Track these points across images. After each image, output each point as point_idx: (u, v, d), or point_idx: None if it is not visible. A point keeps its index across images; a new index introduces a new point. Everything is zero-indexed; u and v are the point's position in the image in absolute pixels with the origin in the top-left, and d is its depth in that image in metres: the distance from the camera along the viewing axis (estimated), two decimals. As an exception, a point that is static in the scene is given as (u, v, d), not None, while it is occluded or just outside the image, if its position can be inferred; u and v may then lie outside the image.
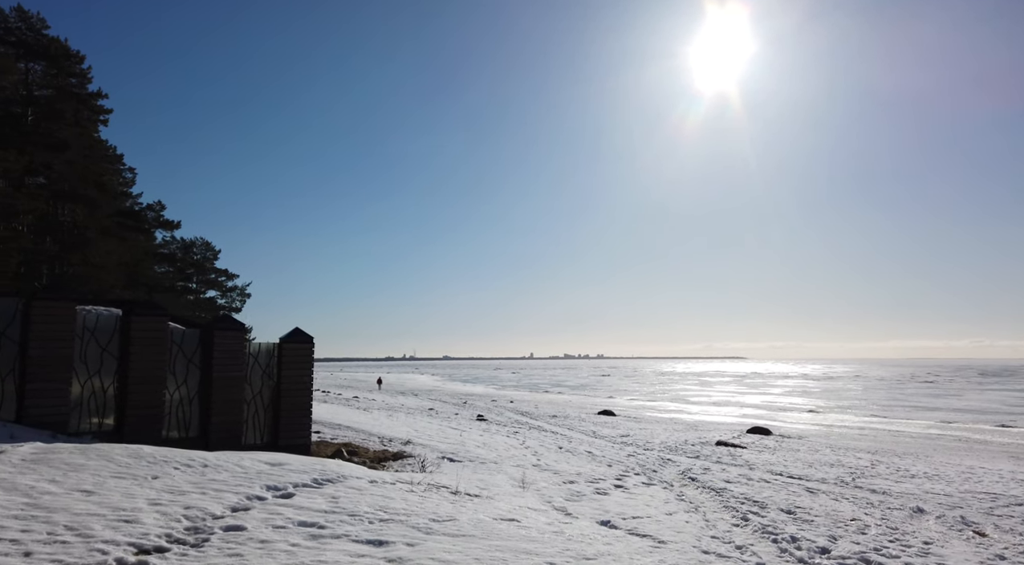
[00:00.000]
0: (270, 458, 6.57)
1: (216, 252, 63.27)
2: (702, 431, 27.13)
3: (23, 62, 23.64)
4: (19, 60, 23.45)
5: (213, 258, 63.16)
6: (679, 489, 11.03)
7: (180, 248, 59.04)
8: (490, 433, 17.82)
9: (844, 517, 9.24)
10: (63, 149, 21.99)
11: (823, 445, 23.00)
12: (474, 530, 5.24)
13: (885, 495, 12.69)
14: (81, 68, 24.70)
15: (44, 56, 23.59)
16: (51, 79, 24.12)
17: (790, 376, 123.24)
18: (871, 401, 55.05)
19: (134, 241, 30.65)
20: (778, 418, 39.19)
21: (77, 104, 24.52)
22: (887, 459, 19.10)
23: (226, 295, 64.76)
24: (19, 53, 23.20)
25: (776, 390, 74.29)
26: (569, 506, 7.79)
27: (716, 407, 49.01)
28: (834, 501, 11.26)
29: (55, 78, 24.15)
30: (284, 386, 9.10)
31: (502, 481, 8.95)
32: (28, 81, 23.69)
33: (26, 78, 23.75)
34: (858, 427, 33.42)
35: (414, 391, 59.47)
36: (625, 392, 71.64)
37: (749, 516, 8.71)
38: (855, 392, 68.90)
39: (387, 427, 13.87)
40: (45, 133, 22.11)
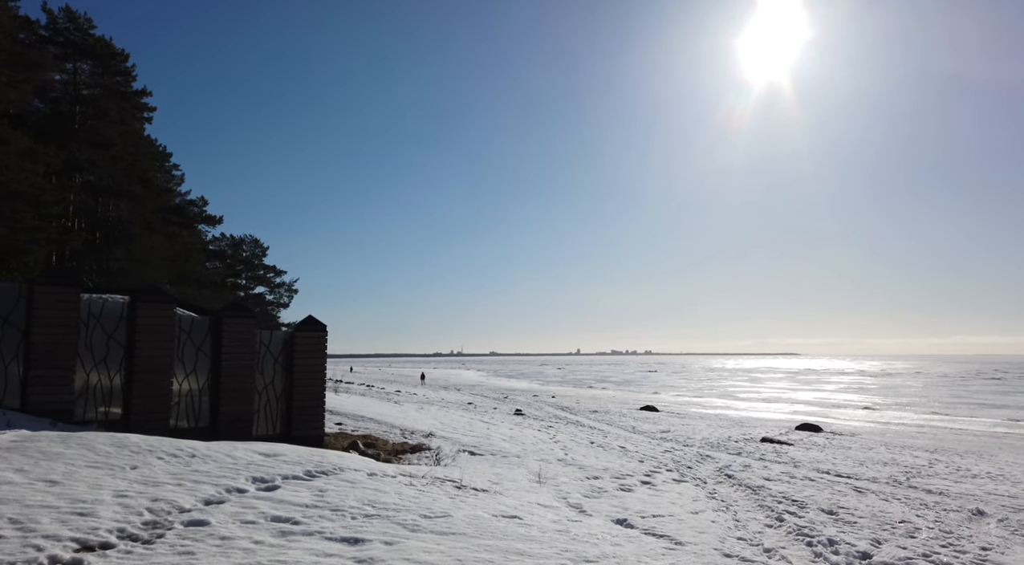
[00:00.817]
0: (267, 449, 6.31)
1: (264, 249, 64.71)
2: (748, 427, 26.14)
3: (71, 62, 24.35)
4: (67, 60, 24.15)
5: (262, 254, 64.64)
6: (712, 486, 10.41)
7: (230, 245, 60.56)
8: (522, 427, 17.40)
9: (892, 519, 8.49)
10: (108, 146, 22.56)
11: (877, 443, 21.81)
12: (467, 528, 4.84)
13: (942, 496, 11.76)
14: (125, 66, 25.34)
15: (91, 55, 24.25)
16: (98, 78, 24.79)
17: (846, 373, 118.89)
18: (932, 398, 52.43)
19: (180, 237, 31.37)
20: (831, 415, 37.61)
21: (122, 102, 25.15)
22: (946, 458, 17.91)
23: (274, 291, 66.20)
24: (67, 53, 23.89)
25: (830, 387, 71.66)
26: (586, 503, 7.32)
27: (765, 404, 47.46)
28: (883, 501, 10.46)
29: (101, 77, 24.81)
30: (297, 375, 8.88)
31: (519, 475, 8.53)
32: (76, 80, 24.39)
33: (74, 77, 24.45)
34: (917, 425, 31.74)
35: (457, 386, 59.57)
36: (671, 388, 70.24)
37: (785, 516, 8.06)
38: (915, 389, 65.86)
39: (414, 420, 13.61)
40: (91, 131, 22.71)
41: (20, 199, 14.82)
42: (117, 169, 23.02)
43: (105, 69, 24.90)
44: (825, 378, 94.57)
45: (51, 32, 24.18)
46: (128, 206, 23.32)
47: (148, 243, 24.32)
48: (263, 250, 64.26)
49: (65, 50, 23.94)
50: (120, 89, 25.35)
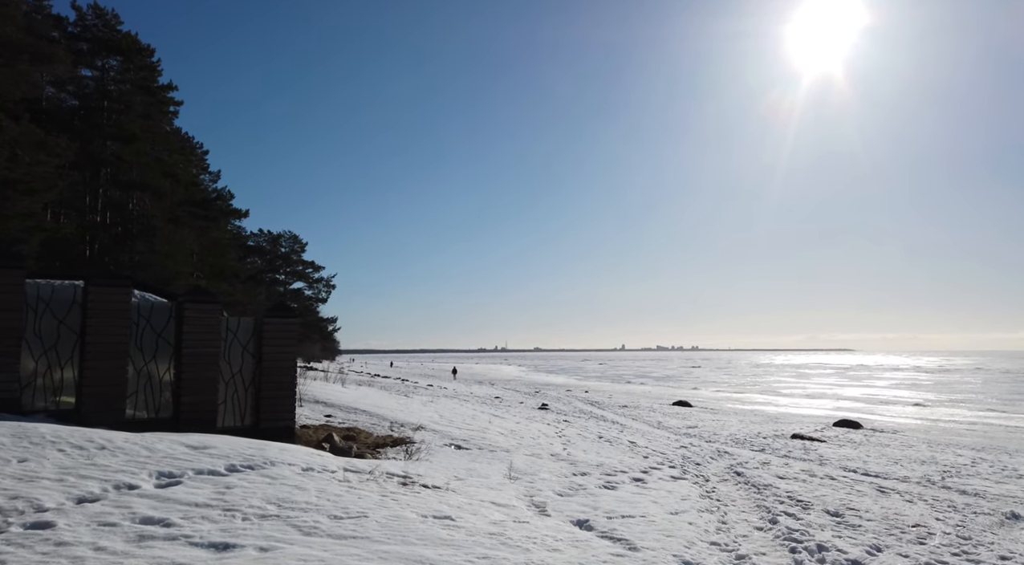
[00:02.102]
0: (197, 440, 5.93)
1: (303, 245, 65.61)
2: (782, 423, 24.99)
3: (100, 59, 24.82)
4: (96, 57, 24.63)
5: (300, 250, 65.58)
6: (715, 484, 9.66)
7: (268, 240, 61.62)
8: (532, 421, 16.84)
9: (906, 522, 7.63)
10: (132, 141, 22.88)
11: (920, 440, 20.48)
12: (376, 531, 4.33)
13: (976, 498, 10.72)
14: (151, 61, 25.71)
15: (117, 51, 24.67)
16: (124, 74, 25.22)
17: (900, 368, 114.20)
18: (990, 395, 49.57)
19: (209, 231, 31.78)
20: (877, 412, 35.85)
21: (147, 96, 25.53)
22: (993, 457, 16.60)
23: (313, 286, 67.13)
24: (95, 49, 24.35)
25: (881, 383, 68.72)
26: (553, 502, 6.72)
27: (809, 400, 45.65)
28: (906, 503, 9.53)
29: (127, 72, 25.24)
30: (266, 364, 8.51)
31: (494, 471, 7.98)
32: (104, 77, 24.86)
33: (102, 74, 24.92)
34: (969, 422, 29.89)
35: (491, 381, 59.28)
36: (712, 384, 68.48)
37: (781, 518, 7.30)
38: (972, 385, 62.55)
39: (411, 413, 13.20)
40: (115, 125, 23.08)
41: (9, 186, 15.01)
42: (142, 163, 23.33)
43: (131, 64, 25.31)
44: (877, 374, 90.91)
45: (80, 29, 24.68)
46: (152, 200, 23.64)
47: (174, 237, 24.62)
48: (302, 246, 65.18)
49: (93, 46, 24.40)
50: (146, 84, 25.73)
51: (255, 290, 43.85)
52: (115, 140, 22.94)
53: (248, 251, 58.48)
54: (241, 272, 48.00)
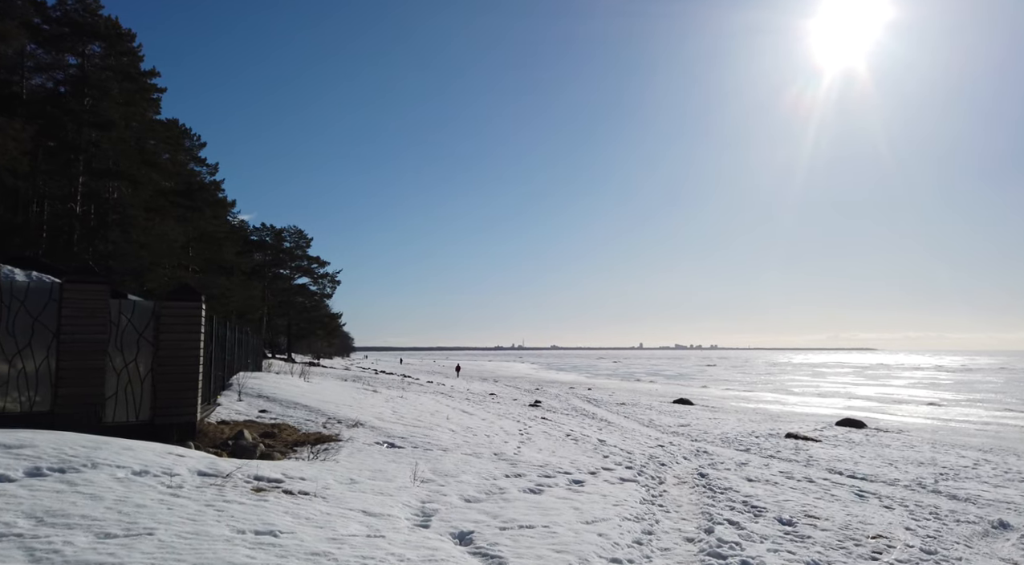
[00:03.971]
0: (17, 438, 5.12)
1: (308, 240, 65.11)
2: (782, 422, 23.86)
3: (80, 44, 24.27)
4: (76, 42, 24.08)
5: (306, 245, 65.14)
6: (668, 487, 8.71)
7: (271, 235, 61.24)
8: (503, 417, 15.97)
9: (867, 533, 6.64)
10: (109, 127, 22.28)
11: (924, 440, 19.28)
12: (148, 552, 3.50)
13: (966, 503, 9.66)
14: (131, 46, 25.11)
15: (97, 36, 24.08)
16: (105, 59, 24.65)
17: (921, 368, 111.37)
18: (1010, 395, 47.64)
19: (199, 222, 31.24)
20: (888, 411, 34.43)
21: (128, 83, 24.93)
22: (999, 458, 15.43)
23: (318, 282, 66.69)
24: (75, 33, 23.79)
25: (899, 382, 66.73)
26: (448, 510, 5.82)
27: (820, 399, 44.14)
28: (882, 509, 8.52)
29: (107, 58, 24.67)
30: (163, 353, 7.71)
31: (402, 473, 7.11)
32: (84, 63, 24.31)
33: (82, 59, 24.38)
34: (983, 422, 28.44)
35: (496, 378, 58.43)
36: (724, 382, 66.97)
37: (720, 527, 6.36)
38: (994, 385, 60.42)
39: (362, 409, 12.38)
40: (91, 112, 22.50)
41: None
42: (119, 151, 22.72)
43: (111, 49, 24.74)
44: (896, 373, 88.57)
45: (60, 13, 24.17)
46: (128, 188, 23.04)
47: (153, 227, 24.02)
48: (307, 241, 64.71)
49: (74, 31, 23.87)
50: (127, 70, 25.13)
51: (251, 284, 43.33)
52: (92, 127, 22.35)
53: (251, 246, 58.16)
54: (240, 266, 47.64)
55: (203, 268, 39.88)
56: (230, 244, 42.02)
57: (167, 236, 26.16)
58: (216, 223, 38.70)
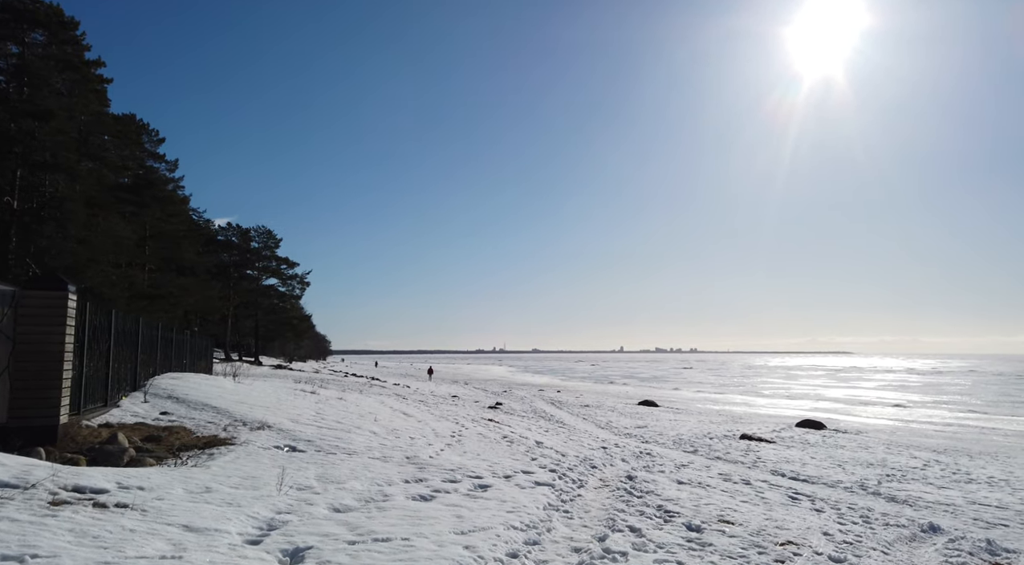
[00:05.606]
0: None
1: (277, 240, 63.94)
2: (743, 424, 23.50)
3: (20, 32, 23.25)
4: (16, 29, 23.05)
5: (274, 246, 63.93)
6: (585, 492, 8.15)
7: (238, 235, 60.00)
8: (443, 419, 15.33)
9: (780, 539, 6.13)
10: (46, 118, 21.31)
11: (881, 442, 18.97)
12: None
13: (903, 505, 9.22)
14: (75, 35, 24.10)
15: (38, 24, 23.09)
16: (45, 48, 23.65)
17: (893, 371, 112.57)
18: (976, 397, 48.06)
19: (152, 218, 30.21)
20: (852, 412, 34.37)
21: (72, 73, 23.92)
22: (951, 459, 15.11)
23: (287, 283, 65.50)
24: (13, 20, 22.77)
25: (868, 384, 67.22)
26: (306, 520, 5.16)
27: (788, 400, 44.14)
28: (811, 512, 8.03)
29: (48, 47, 23.67)
30: (21, 348, 7.00)
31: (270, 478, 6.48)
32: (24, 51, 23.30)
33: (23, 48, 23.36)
34: (944, 423, 28.39)
35: (466, 381, 57.70)
36: (697, 384, 66.96)
37: (616, 535, 5.80)
38: (961, 387, 61.05)
39: (280, 410, 11.67)
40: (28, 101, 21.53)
41: None
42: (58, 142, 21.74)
43: (54, 38, 23.74)
44: (867, 376, 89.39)
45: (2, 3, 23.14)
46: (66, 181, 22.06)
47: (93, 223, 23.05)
48: (276, 241, 63.54)
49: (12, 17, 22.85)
50: (70, 59, 24.14)
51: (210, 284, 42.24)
52: (28, 117, 21.36)
53: (217, 245, 56.94)
54: (202, 265, 46.47)
55: (159, 267, 38.76)
56: (190, 243, 40.92)
57: (113, 232, 25.17)
58: (174, 221, 37.62)
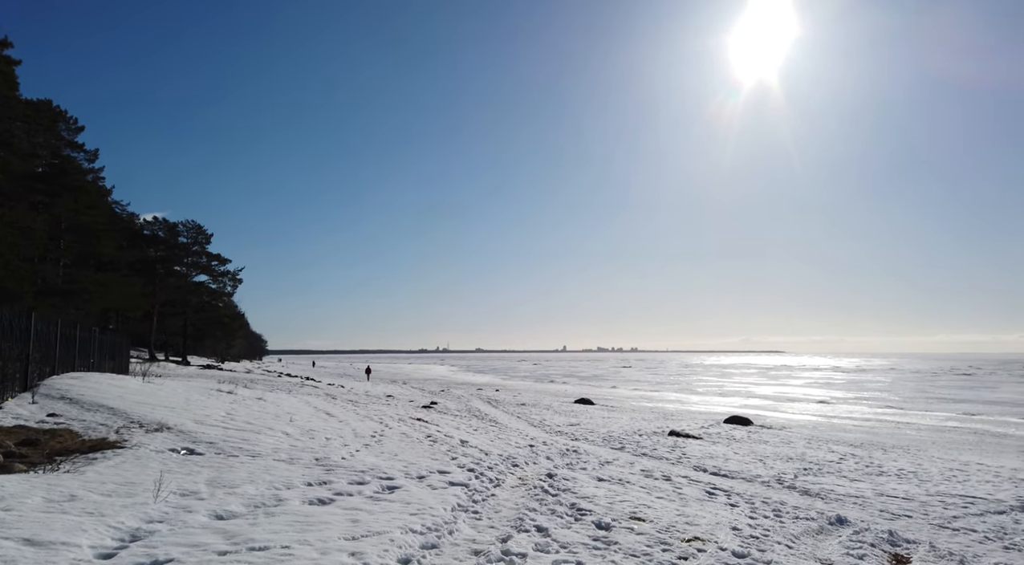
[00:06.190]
0: None
1: (208, 236, 61.50)
2: (673, 420, 23.82)
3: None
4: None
5: (205, 241, 61.44)
6: (500, 491, 7.92)
7: (164, 229, 57.38)
8: (368, 419, 14.88)
9: (687, 535, 6.06)
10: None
11: (802, 437, 19.51)
12: None
13: (815, 499, 9.37)
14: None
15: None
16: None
17: (820, 369, 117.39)
18: (894, 393, 50.46)
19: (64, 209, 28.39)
20: (780, 408, 35.46)
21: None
22: (866, 453, 15.63)
23: (218, 280, 63.05)
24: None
25: (797, 382, 69.72)
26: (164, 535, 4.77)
27: (720, 397, 45.23)
28: (726, 507, 8.04)
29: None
30: None
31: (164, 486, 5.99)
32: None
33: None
34: (863, 418, 29.59)
35: (405, 380, 56.92)
36: (635, 382, 68.03)
37: (520, 536, 5.59)
38: (881, 384, 64.04)
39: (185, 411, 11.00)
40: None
41: None
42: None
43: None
44: (796, 374, 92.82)
45: None
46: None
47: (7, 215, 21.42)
48: (207, 237, 61.08)
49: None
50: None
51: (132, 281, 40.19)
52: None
53: (142, 240, 54.28)
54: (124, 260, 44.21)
55: (76, 262, 36.61)
56: (110, 237, 38.80)
57: (20, 223, 23.52)
58: (92, 213, 35.58)
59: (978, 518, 8.23)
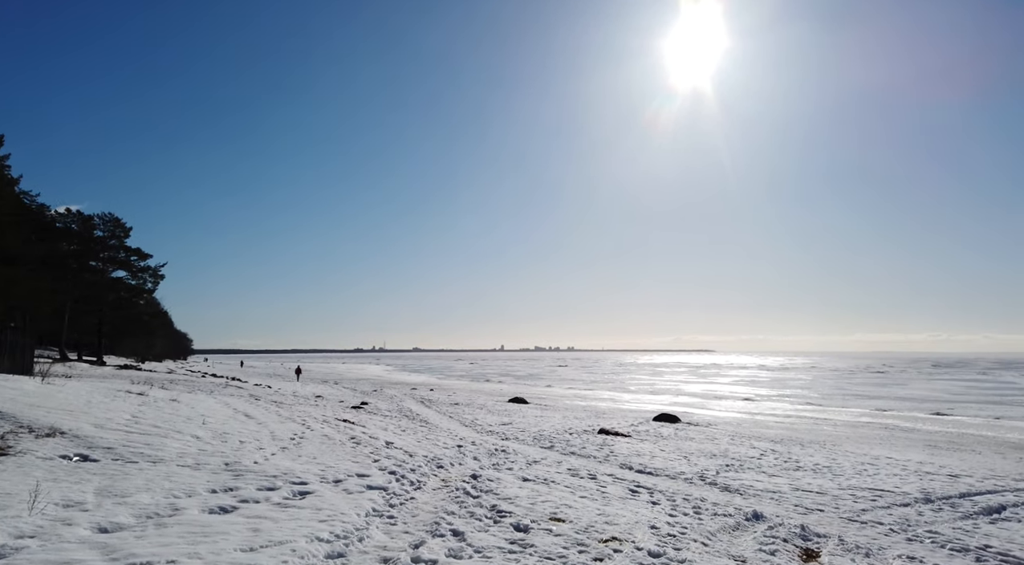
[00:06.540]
0: None
1: (127, 229, 58.44)
2: (605, 418, 24.06)
3: None
4: None
5: (123, 235, 58.31)
6: (422, 493, 7.69)
7: (78, 222, 54.16)
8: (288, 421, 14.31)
9: (605, 535, 6.00)
10: None
11: (727, 433, 20.03)
12: None
13: (734, 495, 9.54)
14: None
15: None
16: None
17: (746, 367, 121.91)
18: (813, 390, 52.83)
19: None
20: (708, 406, 36.45)
21: None
22: (786, 448, 16.15)
23: (137, 276, 59.98)
24: None
25: (724, 380, 72.07)
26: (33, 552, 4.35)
27: (651, 396, 46.17)
28: (647, 505, 8.05)
29: None
30: None
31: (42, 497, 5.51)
32: None
33: None
34: (784, 415, 30.75)
35: (337, 380, 55.63)
36: (570, 381, 68.78)
37: (434, 540, 5.38)
38: (802, 382, 66.96)
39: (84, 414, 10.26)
40: None
41: None
42: None
43: None
44: (724, 372, 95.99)
45: None
46: None
47: None
48: (125, 231, 58.01)
49: None
50: None
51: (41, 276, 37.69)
52: None
53: (54, 233, 51.01)
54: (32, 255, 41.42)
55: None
56: (15, 230, 36.23)
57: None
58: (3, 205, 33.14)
59: (885, 511, 8.53)
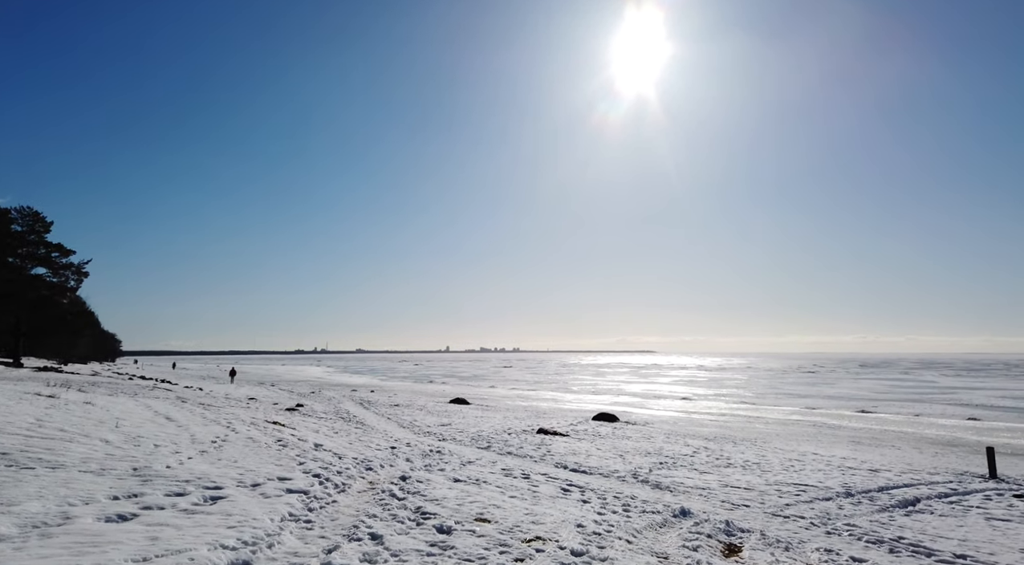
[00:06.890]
0: None
1: (47, 224, 55.32)
2: (545, 418, 24.09)
3: None
4: None
5: (43, 230, 55.17)
6: (345, 496, 7.41)
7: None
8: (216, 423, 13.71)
9: (530, 535, 5.89)
10: None
11: (663, 432, 20.33)
12: None
13: (665, 492, 9.60)
14: None
15: None
16: None
17: (686, 368, 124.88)
18: (748, 390, 54.43)
19: None
20: (647, 405, 37.03)
21: None
22: (718, 446, 16.47)
23: (59, 273, 56.80)
24: None
25: (664, 380, 73.54)
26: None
27: (593, 395, 46.62)
28: (578, 503, 7.97)
29: None
30: None
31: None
32: None
33: None
34: (719, 413, 31.52)
35: (275, 382, 54.06)
36: (514, 382, 68.85)
37: (350, 545, 5.15)
38: (738, 381, 68.94)
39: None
40: None
41: None
42: None
43: None
44: (665, 372, 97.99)
45: None
46: None
47: None
48: (45, 226, 54.88)
49: None
50: None
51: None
52: None
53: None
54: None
55: None
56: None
57: None
58: None
59: (807, 505, 8.73)
